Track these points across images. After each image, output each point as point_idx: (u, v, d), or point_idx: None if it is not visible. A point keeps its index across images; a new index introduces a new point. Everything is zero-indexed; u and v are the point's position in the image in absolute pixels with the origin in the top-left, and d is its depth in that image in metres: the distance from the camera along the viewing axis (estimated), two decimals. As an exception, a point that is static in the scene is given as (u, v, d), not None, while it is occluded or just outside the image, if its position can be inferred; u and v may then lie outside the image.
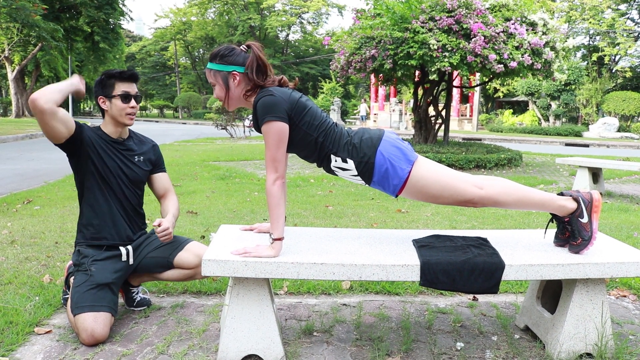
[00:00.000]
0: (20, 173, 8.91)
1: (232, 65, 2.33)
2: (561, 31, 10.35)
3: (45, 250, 4.01)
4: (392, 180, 2.31)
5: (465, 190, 2.32)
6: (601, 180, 7.72)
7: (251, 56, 2.33)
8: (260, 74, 2.34)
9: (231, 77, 2.34)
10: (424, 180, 2.31)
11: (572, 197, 2.39)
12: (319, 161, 2.42)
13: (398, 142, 2.36)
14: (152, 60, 57.12)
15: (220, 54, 2.35)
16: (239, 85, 2.36)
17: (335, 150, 2.36)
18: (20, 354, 2.38)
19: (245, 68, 2.32)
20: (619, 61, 33.15)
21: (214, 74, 2.37)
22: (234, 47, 2.37)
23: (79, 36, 32.77)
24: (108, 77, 2.69)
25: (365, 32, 10.06)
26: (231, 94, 2.37)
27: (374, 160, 2.31)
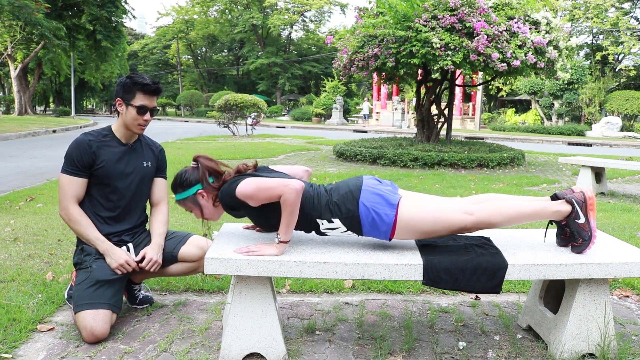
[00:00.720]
0: (22, 171, 8.93)
1: (192, 187, 2.51)
2: (564, 30, 10.34)
3: (48, 247, 4.01)
4: (381, 227, 2.30)
5: (455, 219, 2.30)
6: (604, 180, 7.71)
7: (200, 170, 2.51)
8: (216, 179, 2.52)
9: (198, 196, 2.52)
10: (413, 220, 2.30)
11: (566, 199, 2.37)
12: (307, 228, 2.44)
13: (378, 189, 2.36)
14: (155, 58, 57.17)
15: (178, 184, 2.54)
16: (209, 198, 2.52)
17: (318, 213, 2.37)
18: (23, 351, 2.39)
19: (201, 182, 2.49)
20: (622, 60, 33.08)
21: (184, 202, 2.55)
22: (185, 171, 2.55)
23: (81, 34, 32.81)
24: (132, 84, 2.66)
25: (367, 31, 10.06)
26: (208, 209, 2.55)
27: (359, 212, 2.31)
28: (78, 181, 2.67)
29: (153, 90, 2.70)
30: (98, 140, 2.71)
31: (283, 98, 48.39)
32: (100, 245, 2.66)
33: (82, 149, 2.65)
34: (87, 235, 2.66)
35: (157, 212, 2.91)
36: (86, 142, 2.67)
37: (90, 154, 2.66)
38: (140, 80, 2.66)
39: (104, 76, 39.11)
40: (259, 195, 2.27)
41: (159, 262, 2.72)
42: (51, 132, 19.70)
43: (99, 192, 2.73)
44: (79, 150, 2.65)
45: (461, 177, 8.89)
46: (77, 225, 2.67)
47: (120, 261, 2.63)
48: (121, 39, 35.31)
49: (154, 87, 2.69)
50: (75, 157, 2.65)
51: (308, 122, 35.78)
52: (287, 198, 2.22)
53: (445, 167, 10.11)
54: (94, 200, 2.73)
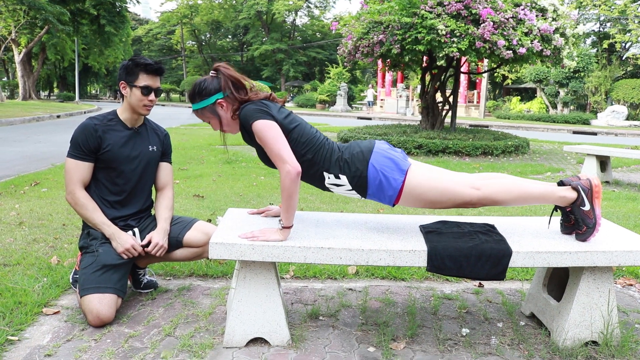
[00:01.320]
0: (27, 155, 8.95)
1: (211, 95, 2.38)
2: (571, 17, 10.24)
3: (52, 232, 4.03)
4: (387, 191, 2.30)
5: (462, 192, 2.30)
6: (609, 169, 7.69)
7: (222, 78, 2.38)
8: (239, 90, 2.38)
9: (217, 106, 2.39)
10: (420, 188, 2.30)
11: (572, 186, 2.37)
12: (311, 178, 2.42)
13: (389, 153, 2.35)
14: (159, 43, 56.97)
15: (197, 93, 2.40)
16: (228, 109, 2.40)
17: (327, 167, 2.36)
18: (29, 334, 2.41)
19: (223, 91, 2.37)
20: (629, 48, 32.81)
21: (201, 112, 2.43)
22: (204, 79, 2.42)
23: (85, 19, 32.70)
24: (134, 65, 2.67)
25: (373, 17, 10.00)
26: (225, 121, 2.43)
27: (367, 173, 2.30)
28: (84, 165, 2.68)
29: (155, 70, 2.70)
30: (104, 125, 2.72)
31: (287, 84, 48.21)
32: (106, 229, 2.67)
33: (88, 133, 2.66)
34: (93, 220, 2.68)
35: (163, 196, 2.92)
36: (92, 127, 2.68)
37: (96, 138, 2.67)
38: (143, 61, 2.67)
39: (108, 61, 39.03)
40: (266, 144, 2.25)
41: (164, 246, 2.74)
42: (55, 117, 19.70)
43: (105, 176, 2.74)
44: (85, 134, 2.66)
45: (465, 165, 8.87)
46: (83, 209, 2.68)
47: (127, 245, 2.64)
48: (125, 24, 35.15)
49: (156, 66, 2.69)
50: (81, 142, 2.66)
51: (312, 108, 35.68)
52: (282, 180, 2.22)
53: (449, 154, 10.08)
54: (100, 185, 2.74)
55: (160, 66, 2.72)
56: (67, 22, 29.56)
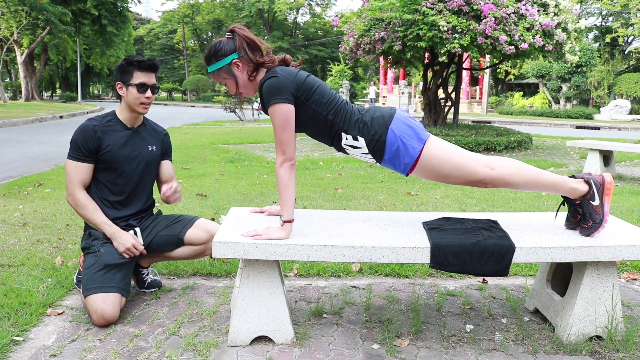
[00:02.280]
0: (31, 156, 8.97)
1: (227, 56, 2.33)
2: (573, 12, 10.21)
3: (56, 232, 4.04)
4: (404, 158, 2.29)
5: (476, 170, 2.30)
6: (612, 163, 7.67)
7: (237, 39, 2.33)
8: (254, 51, 2.34)
9: (233, 66, 2.34)
10: (436, 160, 2.29)
11: (584, 179, 2.37)
12: (330, 139, 2.41)
13: (410, 121, 2.34)
14: (160, 43, 56.97)
15: (212, 54, 2.36)
16: (244, 69, 2.35)
17: (346, 128, 2.34)
18: (34, 334, 2.42)
19: (238, 52, 2.32)
20: (632, 42, 32.67)
21: (217, 73, 2.38)
22: (219, 41, 2.37)
23: (86, 19, 32.72)
24: (128, 64, 2.69)
25: (374, 14, 9.97)
26: (242, 81, 2.37)
27: (385, 138, 2.29)
28: (84, 166, 2.69)
29: (149, 66, 2.71)
30: (103, 125, 2.73)
31: (289, 82, 48.13)
32: (107, 229, 2.68)
33: (87, 134, 2.67)
34: (94, 220, 2.68)
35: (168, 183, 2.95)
36: (91, 128, 2.69)
37: (96, 139, 2.68)
38: (136, 59, 2.68)
39: (110, 61, 39.05)
40: (274, 128, 2.26)
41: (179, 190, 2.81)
42: (58, 117, 19.74)
43: (106, 177, 2.74)
44: (84, 135, 2.67)
45: (468, 161, 8.85)
46: (83, 210, 2.69)
47: (127, 245, 2.65)
48: (126, 24, 35.17)
49: (149, 62, 2.70)
50: (80, 143, 2.67)
51: (314, 106, 35.58)
52: (277, 169, 2.25)
53: (452, 151, 10.05)
54: (100, 185, 2.75)
55: (154, 62, 2.73)
56: (68, 23, 29.59)
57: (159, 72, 2.82)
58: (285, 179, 2.24)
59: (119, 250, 2.65)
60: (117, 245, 2.66)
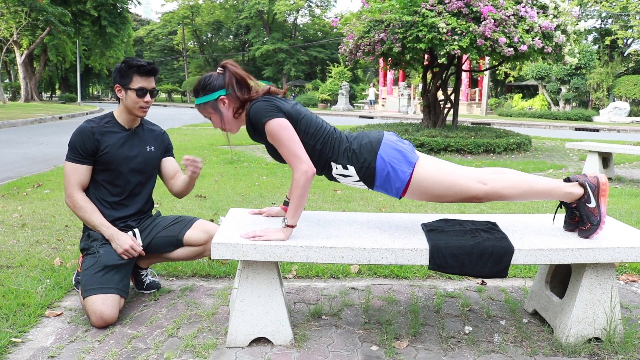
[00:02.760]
0: (30, 157, 8.96)
1: (215, 91, 2.36)
2: (572, 14, 10.22)
3: (55, 233, 4.04)
4: (394, 183, 2.30)
5: (469, 187, 2.30)
6: (611, 165, 7.67)
7: (227, 75, 2.37)
8: (242, 89, 2.38)
9: (219, 102, 2.37)
10: (427, 181, 2.30)
11: (579, 182, 2.37)
12: (320, 169, 2.42)
13: (398, 145, 2.35)
14: (160, 44, 56.99)
15: (201, 87, 2.39)
16: (230, 106, 2.39)
17: (335, 157, 2.35)
18: (33, 336, 2.41)
19: (227, 88, 2.35)
20: (631, 44, 32.70)
21: (203, 107, 2.41)
22: (210, 75, 2.41)
23: (86, 20, 32.73)
24: (128, 68, 2.67)
25: (374, 16, 9.98)
26: (227, 118, 2.41)
27: (375, 164, 2.30)
28: (82, 168, 2.69)
29: (149, 71, 2.69)
30: (101, 127, 2.73)
31: (289, 84, 48.15)
32: (105, 231, 2.68)
33: (85, 136, 2.67)
34: (92, 222, 2.68)
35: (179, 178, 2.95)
36: (89, 129, 2.69)
37: (94, 141, 2.67)
38: (135, 62, 2.66)
39: (109, 62, 39.04)
40: (279, 144, 2.25)
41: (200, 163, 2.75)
42: (57, 118, 19.73)
43: (104, 178, 2.74)
44: (82, 137, 2.67)
45: (467, 163, 8.87)
46: (82, 212, 2.69)
47: (126, 246, 2.64)
48: (126, 25, 35.17)
49: (149, 67, 2.69)
50: (78, 145, 2.67)
51: (314, 108, 35.66)
52: (297, 179, 2.21)
53: (451, 152, 10.07)
54: (99, 186, 2.75)
55: (154, 67, 2.72)
56: (68, 24, 29.57)
57: (158, 75, 2.82)
58: (304, 189, 2.23)
59: (117, 252, 2.65)
60: (115, 247, 2.65)
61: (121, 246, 2.64)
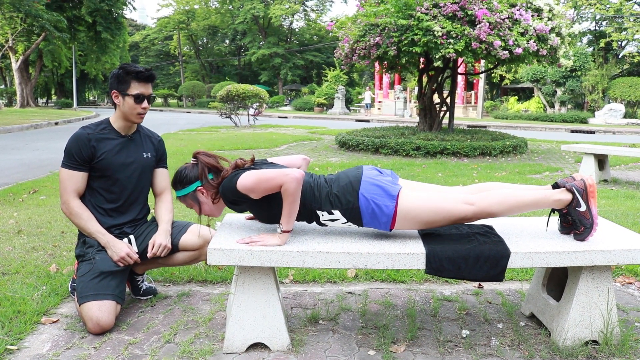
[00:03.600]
0: (25, 163, 8.94)
1: (192, 184, 2.52)
2: (567, 17, 10.26)
3: (51, 239, 4.03)
4: (381, 219, 2.30)
5: (456, 210, 2.30)
6: (607, 167, 7.69)
7: (200, 167, 2.52)
8: (216, 175, 2.53)
9: (197, 193, 2.53)
10: (413, 211, 2.30)
11: (566, 188, 2.36)
12: (308, 219, 2.44)
13: (377, 179, 2.35)
14: (156, 49, 57.04)
15: (178, 181, 2.55)
16: (208, 194, 2.53)
17: (318, 205, 2.37)
18: (29, 343, 2.40)
19: (201, 179, 2.51)
20: (625, 46, 32.84)
21: (184, 199, 2.57)
22: (185, 167, 2.56)
23: (82, 26, 32.74)
24: (125, 74, 2.65)
25: (369, 19, 10.00)
26: (208, 206, 2.56)
27: (359, 204, 2.31)
28: (78, 175, 2.67)
29: (147, 77, 2.69)
30: (96, 134, 2.71)
31: (285, 88, 48.26)
32: (101, 238, 2.67)
33: (81, 143, 2.65)
34: (88, 229, 2.68)
35: (162, 200, 2.93)
36: (85, 136, 2.67)
37: (90, 148, 2.66)
38: (133, 68, 2.65)
39: (105, 68, 39.07)
40: (260, 186, 2.27)
41: (168, 246, 2.75)
42: (53, 124, 19.70)
43: (101, 185, 2.73)
44: (78, 144, 2.66)
45: (464, 166, 8.88)
46: (77, 219, 2.68)
47: (122, 254, 2.64)
48: (121, 31, 35.19)
49: (147, 74, 2.68)
50: (74, 152, 2.65)
51: (310, 112, 35.69)
52: (287, 187, 2.22)
53: (447, 155, 10.09)
54: (95, 193, 2.74)
55: (152, 73, 2.71)
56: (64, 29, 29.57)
57: (155, 81, 2.82)
58: (295, 194, 2.24)
59: (113, 260, 2.64)
60: (111, 254, 2.65)
61: (117, 254, 2.64)
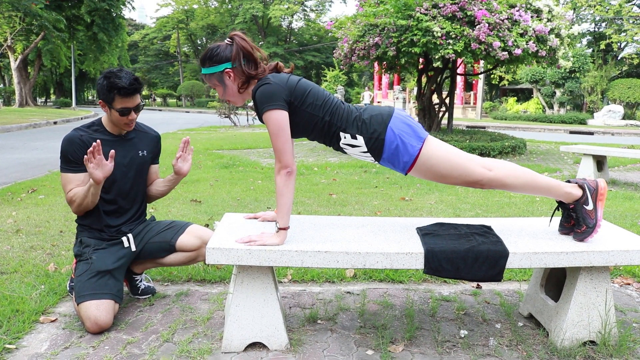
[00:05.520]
0: (24, 162, 8.93)
1: (221, 63, 2.32)
2: (566, 18, 10.27)
3: (50, 239, 4.02)
4: (403, 157, 2.29)
5: (474, 170, 2.30)
6: (606, 168, 7.70)
7: (235, 48, 2.31)
8: (249, 63, 2.33)
9: (225, 75, 2.33)
10: (434, 159, 2.29)
11: (578, 184, 2.39)
12: (328, 140, 2.39)
13: (409, 120, 2.34)
14: (155, 48, 56.97)
15: (208, 57, 2.34)
16: (235, 80, 2.34)
17: (343, 127, 2.33)
18: (27, 342, 2.40)
19: (233, 62, 2.31)
20: (625, 48, 32.87)
21: (209, 77, 2.38)
22: (218, 45, 2.35)
23: (80, 25, 32.71)
24: (109, 88, 2.56)
25: (368, 20, 10.00)
26: (231, 91, 2.37)
27: (384, 136, 2.28)
28: (79, 176, 2.65)
29: (131, 92, 2.60)
30: (89, 134, 2.68)
31: (284, 88, 48.16)
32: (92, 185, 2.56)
33: (75, 145, 2.62)
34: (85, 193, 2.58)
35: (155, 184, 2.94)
36: (78, 137, 2.64)
37: (84, 148, 2.62)
38: (117, 82, 2.55)
39: (104, 67, 39.02)
40: (271, 136, 2.25)
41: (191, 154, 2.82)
42: (52, 123, 19.69)
43: None
44: (73, 146, 2.62)
45: (462, 166, 8.87)
46: (78, 199, 2.61)
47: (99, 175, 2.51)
48: (120, 31, 35.14)
49: (131, 89, 2.58)
50: (70, 154, 2.62)
51: (309, 112, 35.64)
52: (275, 176, 2.25)
53: (446, 156, 10.07)
54: None
55: (136, 86, 2.60)
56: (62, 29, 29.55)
57: (143, 89, 2.77)
58: (281, 187, 2.24)
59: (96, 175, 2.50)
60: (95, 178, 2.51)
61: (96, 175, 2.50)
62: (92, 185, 2.55)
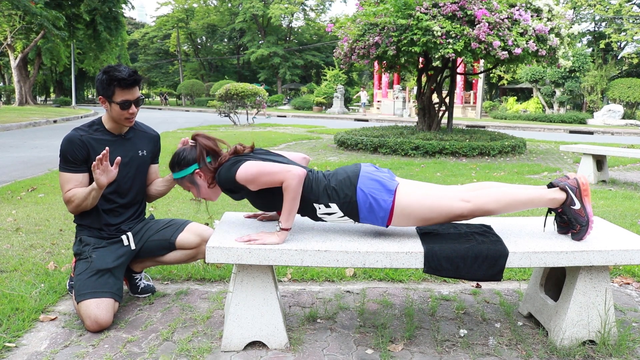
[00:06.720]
0: (24, 161, 8.93)
1: (189, 166, 2.49)
2: (566, 17, 10.27)
3: (49, 237, 4.03)
4: (378, 213, 2.31)
5: (451, 206, 2.30)
6: (605, 168, 7.70)
7: (198, 149, 2.48)
8: (214, 158, 2.49)
9: (195, 176, 2.50)
10: (410, 207, 2.30)
11: (559, 187, 2.38)
12: (304, 212, 2.44)
13: (376, 175, 2.36)
14: (155, 47, 56.92)
15: (176, 163, 2.52)
16: (205, 178, 2.49)
17: (315, 198, 2.36)
18: (27, 340, 2.40)
19: (198, 162, 2.47)
20: (625, 47, 32.86)
21: (181, 181, 2.54)
22: (183, 149, 2.52)
23: (80, 24, 32.68)
24: (109, 81, 2.57)
25: (368, 19, 10.00)
26: (205, 189, 2.53)
27: (356, 198, 2.31)
28: (78, 177, 2.64)
29: (131, 83, 2.60)
30: (89, 134, 2.68)
31: (284, 87, 48.25)
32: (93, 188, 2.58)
33: (75, 145, 2.62)
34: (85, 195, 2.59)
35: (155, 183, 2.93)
36: (77, 138, 2.64)
37: (84, 148, 2.62)
38: (116, 75, 2.55)
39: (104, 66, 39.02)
40: (260, 179, 2.27)
41: None
42: (52, 122, 19.68)
43: None
44: (72, 146, 2.62)
45: (462, 166, 8.88)
46: (77, 200, 2.61)
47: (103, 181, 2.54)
48: (119, 30, 35.10)
49: (130, 80, 2.58)
50: (69, 154, 2.62)
51: (309, 111, 35.69)
52: (289, 184, 2.23)
53: (446, 155, 10.09)
54: None
55: (135, 78, 2.61)
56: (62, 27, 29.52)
57: (142, 83, 2.77)
58: (297, 191, 2.26)
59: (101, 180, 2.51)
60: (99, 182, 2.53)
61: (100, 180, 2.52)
62: (94, 189, 2.57)
